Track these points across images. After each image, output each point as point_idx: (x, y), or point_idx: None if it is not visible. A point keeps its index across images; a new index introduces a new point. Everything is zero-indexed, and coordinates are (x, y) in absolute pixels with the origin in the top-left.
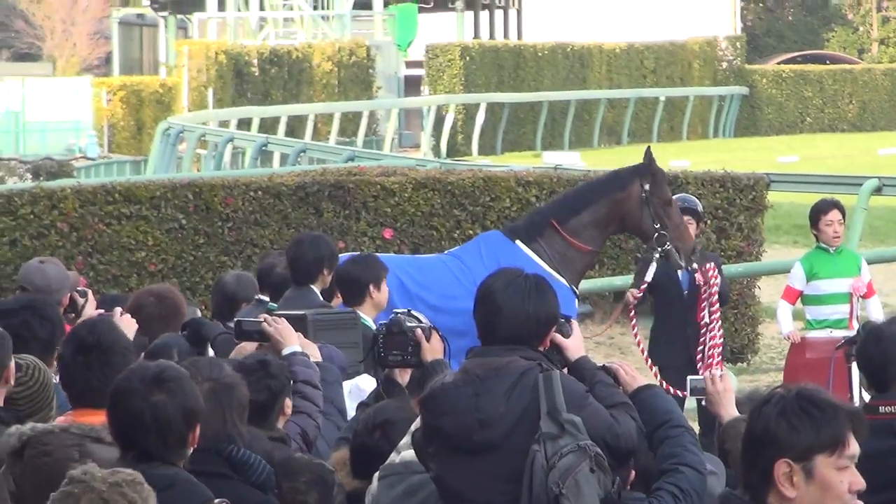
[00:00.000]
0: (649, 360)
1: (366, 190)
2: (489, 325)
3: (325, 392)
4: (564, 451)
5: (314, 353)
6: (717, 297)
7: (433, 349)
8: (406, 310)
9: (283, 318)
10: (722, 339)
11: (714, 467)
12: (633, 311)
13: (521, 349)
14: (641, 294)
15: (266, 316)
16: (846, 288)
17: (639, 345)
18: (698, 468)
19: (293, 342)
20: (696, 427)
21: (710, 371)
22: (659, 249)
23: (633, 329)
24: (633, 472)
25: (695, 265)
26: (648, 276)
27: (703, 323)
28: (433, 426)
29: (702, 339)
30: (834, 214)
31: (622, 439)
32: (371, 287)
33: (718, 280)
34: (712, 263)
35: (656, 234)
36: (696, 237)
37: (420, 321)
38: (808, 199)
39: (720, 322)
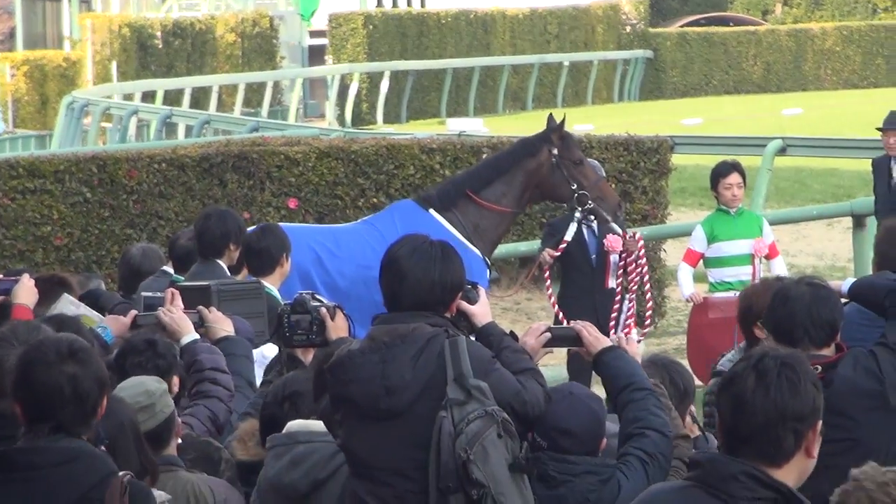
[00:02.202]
0: (564, 323)
1: (270, 160)
2: (395, 293)
3: (235, 366)
4: (471, 417)
5: (227, 327)
6: (645, 259)
7: (338, 328)
8: (309, 291)
9: (178, 309)
10: (632, 305)
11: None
12: (547, 273)
13: (427, 315)
14: (560, 253)
15: (162, 309)
16: (748, 249)
17: (554, 306)
18: (664, 431)
19: (189, 331)
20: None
21: (618, 334)
22: (580, 209)
23: (549, 291)
24: (604, 441)
25: (616, 228)
26: (568, 235)
27: (619, 289)
28: (339, 394)
29: (616, 307)
30: (733, 177)
31: (529, 405)
32: (283, 257)
33: (637, 241)
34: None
35: (576, 195)
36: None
37: (322, 301)
38: (713, 161)
39: (643, 288)
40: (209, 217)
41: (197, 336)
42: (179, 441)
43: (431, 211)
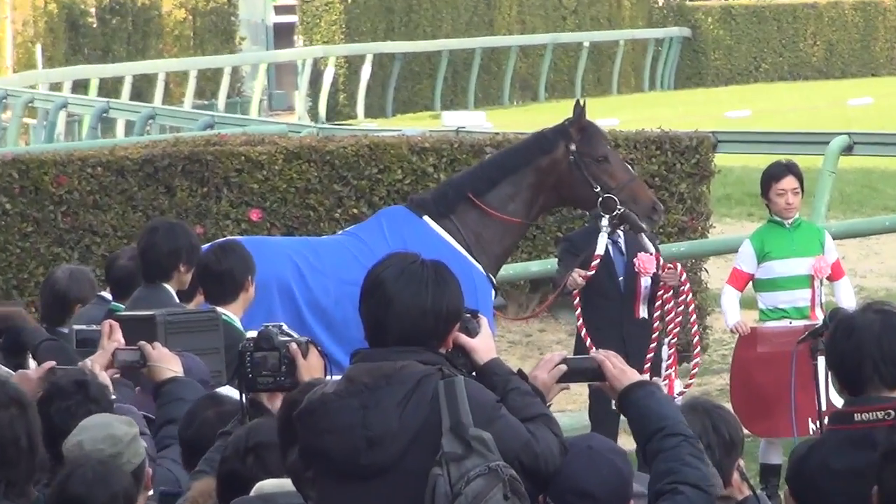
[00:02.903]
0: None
1: (228, 163)
2: (378, 322)
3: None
4: (472, 475)
5: (175, 366)
6: (691, 295)
7: (310, 367)
8: (277, 323)
9: (117, 343)
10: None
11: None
12: (577, 300)
13: (417, 351)
14: (593, 272)
15: (143, 344)
16: (806, 269)
17: (585, 339)
18: (702, 486)
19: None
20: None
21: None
22: (608, 217)
23: (579, 321)
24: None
25: (651, 249)
26: (600, 248)
27: (655, 326)
28: (312, 446)
29: (651, 352)
30: (788, 181)
31: (541, 459)
32: (248, 281)
33: (680, 274)
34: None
35: (600, 199)
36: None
37: (292, 336)
38: (764, 163)
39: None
40: (155, 231)
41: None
42: (150, 493)
43: (426, 218)
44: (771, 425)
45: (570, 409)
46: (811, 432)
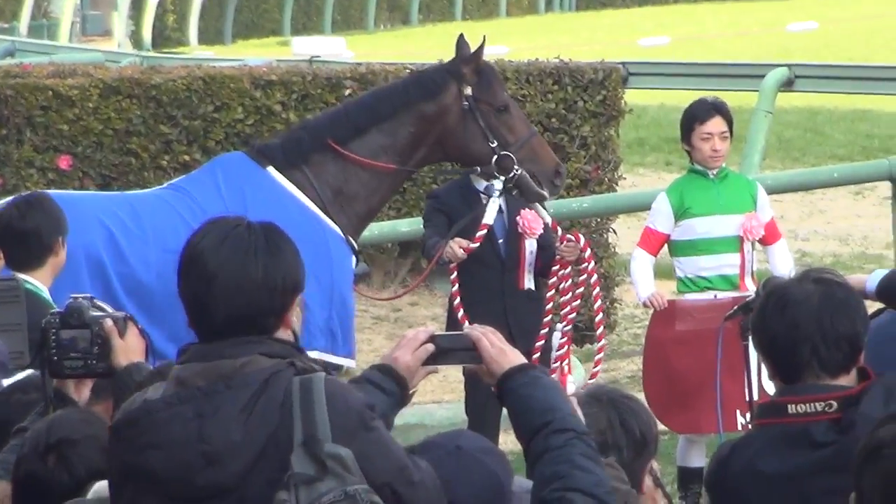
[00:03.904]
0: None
1: (31, 99)
2: (200, 303)
3: None
4: (325, 501)
5: None
6: (593, 264)
7: (129, 349)
8: (87, 295)
9: None
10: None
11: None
12: (455, 275)
13: (259, 341)
14: (478, 244)
15: None
16: (734, 230)
17: (458, 311)
18: (596, 493)
19: None
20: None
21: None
22: (503, 178)
23: (457, 299)
24: None
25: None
26: (488, 217)
27: (548, 308)
28: (131, 465)
29: (542, 336)
30: (715, 123)
31: (420, 489)
32: (58, 243)
33: (583, 249)
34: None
35: (496, 157)
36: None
37: (107, 311)
38: (686, 100)
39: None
40: None
41: None
42: None
43: (270, 169)
44: (691, 419)
45: (448, 399)
46: (739, 427)
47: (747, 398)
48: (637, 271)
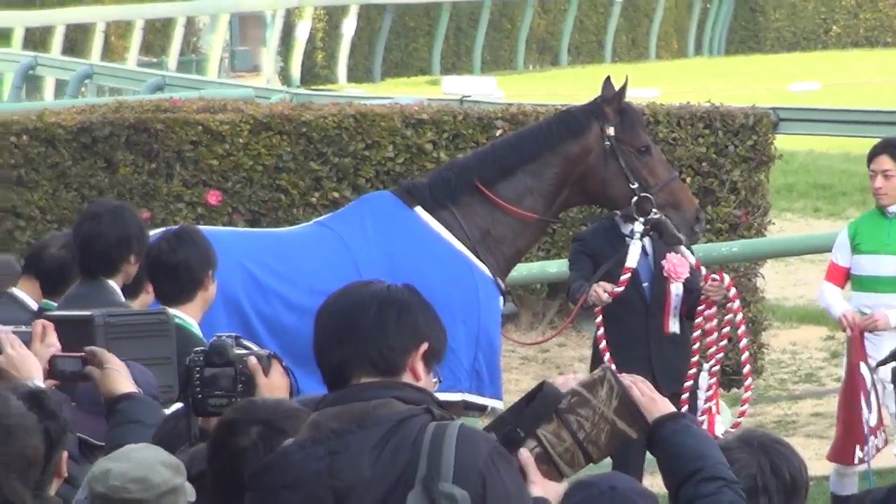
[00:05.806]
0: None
1: (181, 133)
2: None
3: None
4: None
5: (123, 382)
6: (739, 305)
7: (273, 387)
8: (233, 333)
9: (52, 346)
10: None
11: None
12: (600, 318)
13: (396, 387)
14: (623, 288)
15: (94, 349)
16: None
17: (604, 354)
18: None
19: (36, 376)
20: None
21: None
22: (642, 220)
23: (602, 342)
24: None
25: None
26: (631, 261)
27: (696, 348)
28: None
29: (690, 376)
30: (879, 161)
31: None
32: (208, 277)
33: (728, 288)
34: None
35: (636, 199)
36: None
37: (251, 349)
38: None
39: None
40: (98, 218)
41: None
42: None
43: (418, 209)
44: (837, 448)
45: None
46: (856, 461)
47: (865, 431)
48: (828, 296)
